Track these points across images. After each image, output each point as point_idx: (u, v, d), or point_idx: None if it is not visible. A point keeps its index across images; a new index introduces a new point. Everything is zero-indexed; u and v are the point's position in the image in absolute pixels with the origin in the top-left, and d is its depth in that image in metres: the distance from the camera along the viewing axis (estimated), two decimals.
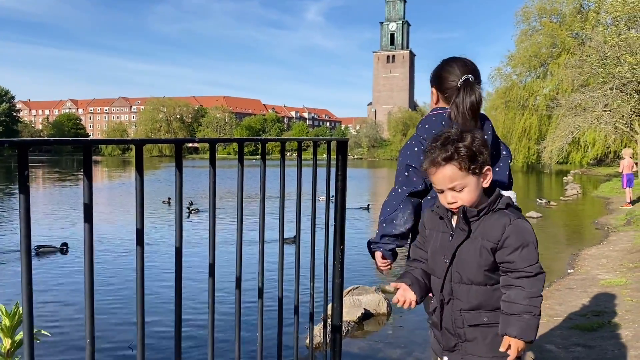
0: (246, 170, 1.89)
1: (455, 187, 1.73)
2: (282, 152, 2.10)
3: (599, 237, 9.91)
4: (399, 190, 2.26)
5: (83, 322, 1.24)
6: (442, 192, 1.77)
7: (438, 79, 2.34)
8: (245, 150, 2.09)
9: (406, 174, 2.24)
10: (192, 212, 13.80)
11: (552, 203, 16.47)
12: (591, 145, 32.01)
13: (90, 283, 1.23)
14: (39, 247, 8.93)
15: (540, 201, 16.35)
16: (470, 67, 2.33)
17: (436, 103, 2.37)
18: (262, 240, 1.99)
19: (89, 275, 1.23)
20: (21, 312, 1.91)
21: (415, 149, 2.23)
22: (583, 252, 8.14)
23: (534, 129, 38.91)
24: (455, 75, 2.29)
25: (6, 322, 1.65)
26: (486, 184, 1.77)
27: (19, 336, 1.80)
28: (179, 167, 1.49)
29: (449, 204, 1.76)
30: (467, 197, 1.74)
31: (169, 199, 15.36)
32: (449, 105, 2.32)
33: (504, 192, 1.85)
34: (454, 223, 1.82)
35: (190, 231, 10.57)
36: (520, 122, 39.66)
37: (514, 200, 1.92)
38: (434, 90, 2.37)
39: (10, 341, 1.94)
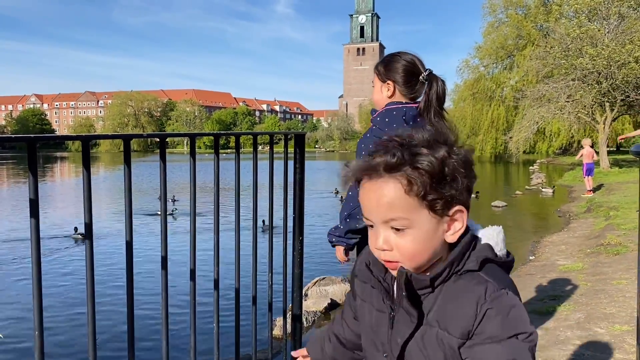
0: (200, 164, 1.92)
1: (395, 222, 0.98)
2: (237, 147, 2.14)
3: (561, 224, 10.22)
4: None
5: (32, 320, 1.26)
6: (371, 226, 1.02)
7: (397, 73, 2.35)
8: (202, 142, 2.14)
9: None
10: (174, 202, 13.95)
11: (517, 192, 16.85)
12: (556, 135, 32.77)
13: (38, 280, 1.26)
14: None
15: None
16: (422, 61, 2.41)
17: (391, 97, 2.39)
18: (216, 233, 2.03)
19: (37, 273, 1.25)
20: None
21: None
22: (544, 239, 8.39)
23: (501, 119, 39.62)
24: (419, 69, 2.35)
25: None
26: (452, 236, 1.00)
27: None
28: (128, 163, 1.51)
29: (379, 250, 1.01)
30: (411, 249, 0.98)
31: (173, 196, 14.98)
32: (406, 100, 2.37)
33: (480, 232, 1.08)
34: (396, 292, 1.06)
35: (143, 224, 10.50)
36: (488, 114, 40.32)
37: (497, 245, 1.06)
38: (390, 83, 2.36)
39: None
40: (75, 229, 9.85)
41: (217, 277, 2.05)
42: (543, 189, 17.26)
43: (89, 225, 1.39)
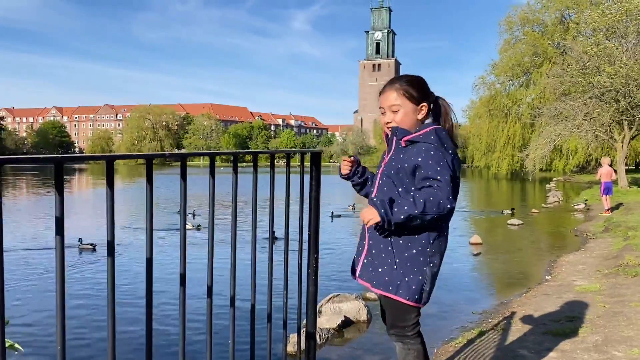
0: (228, 177, 1.96)
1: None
2: (255, 165, 2.18)
3: (578, 244, 10.09)
4: (447, 202, 2.14)
5: (54, 331, 1.30)
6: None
7: (429, 96, 2.41)
8: (230, 157, 2.20)
9: (452, 183, 2.18)
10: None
11: (533, 210, 16.69)
12: (573, 153, 32.53)
13: (62, 295, 1.29)
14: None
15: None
16: None
17: (422, 119, 2.40)
18: (233, 250, 2.06)
19: (61, 288, 1.29)
20: None
21: (450, 159, 2.24)
22: (561, 259, 8.29)
23: (517, 137, 39.44)
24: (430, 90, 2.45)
25: None
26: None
27: None
28: (150, 182, 1.55)
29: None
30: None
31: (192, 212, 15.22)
32: (429, 120, 2.42)
33: None
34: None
35: (162, 240, 10.57)
36: (504, 130, 40.18)
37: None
38: (425, 106, 2.39)
39: None
40: (80, 240, 10.00)
41: (233, 294, 2.07)
42: (575, 205, 17.10)
43: (111, 243, 1.43)
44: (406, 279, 2.26)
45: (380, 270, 2.31)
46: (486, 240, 10.62)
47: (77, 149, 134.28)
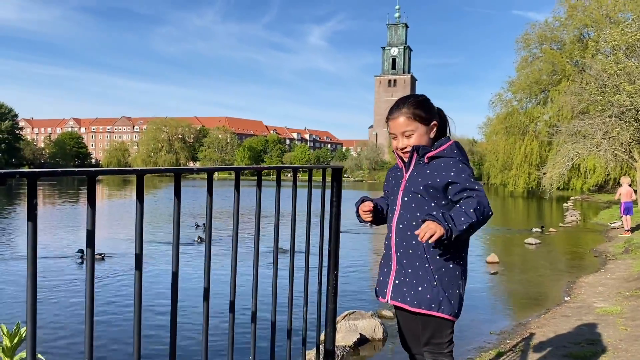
0: (247, 190, 1.97)
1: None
2: (278, 181, 2.18)
3: (597, 264, 9.93)
4: (489, 209, 2.21)
5: (82, 344, 1.30)
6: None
7: (435, 113, 2.44)
8: (247, 172, 2.21)
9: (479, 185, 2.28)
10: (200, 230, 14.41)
11: (551, 229, 16.49)
12: (591, 172, 32.13)
13: (91, 310, 1.30)
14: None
15: (536, 230, 16.27)
16: None
17: (433, 137, 2.41)
18: (255, 266, 2.06)
19: (90, 302, 1.29)
20: (22, 333, 1.97)
21: (473, 172, 2.35)
22: (580, 280, 8.16)
23: (534, 154, 39.14)
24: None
25: (7, 342, 1.70)
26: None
27: (17, 357, 1.85)
28: (178, 196, 1.56)
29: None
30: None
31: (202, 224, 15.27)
32: (434, 136, 2.44)
33: None
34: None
35: (188, 255, 10.60)
36: (521, 148, 39.91)
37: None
38: (435, 124, 2.41)
39: None
40: (81, 250, 10.15)
41: (254, 310, 2.07)
42: (611, 224, 16.93)
43: (139, 257, 1.43)
44: (447, 295, 2.26)
45: (420, 289, 2.28)
46: (503, 259, 10.49)
47: (93, 160, 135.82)
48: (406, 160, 2.41)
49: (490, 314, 6.64)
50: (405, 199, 2.36)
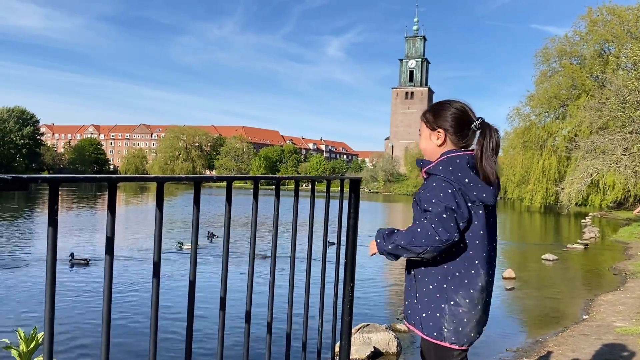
0: (263, 199, 1.96)
1: None
2: (296, 191, 2.17)
3: (616, 283, 9.74)
4: (435, 234, 2.03)
5: (97, 348, 1.30)
6: None
7: (447, 120, 2.29)
8: (263, 181, 2.21)
9: (444, 216, 2.05)
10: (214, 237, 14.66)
11: (568, 246, 16.25)
12: (610, 188, 31.63)
13: (108, 314, 1.29)
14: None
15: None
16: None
17: (441, 145, 2.29)
18: (272, 276, 2.04)
19: (107, 308, 1.29)
20: (39, 337, 1.98)
21: (449, 191, 2.10)
22: (599, 298, 8.01)
23: (552, 169, 38.66)
24: (470, 117, 2.29)
25: (24, 347, 1.71)
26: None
27: None
28: (197, 204, 1.56)
29: None
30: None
31: (212, 233, 15.44)
32: (457, 147, 2.31)
33: None
34: None
35: (204, 265, 10.62)
36: (539, 163, 39.46)
37: None
38: (440, 131, 2.28)
39: None
40: (72, 254, 10.47)
41: (270, 321, 2.05)
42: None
43: (156, 264, 1.43)
44: (424, 315, 2.18)
45: (407, 303, 2.26)
46: (520, 275, 10.35)
47: (111, 167, 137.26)
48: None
49: (506, 330, 6.53)
50: (414, 212, 2.32)
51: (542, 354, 4.97)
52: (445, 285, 2.14)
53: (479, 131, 2.28)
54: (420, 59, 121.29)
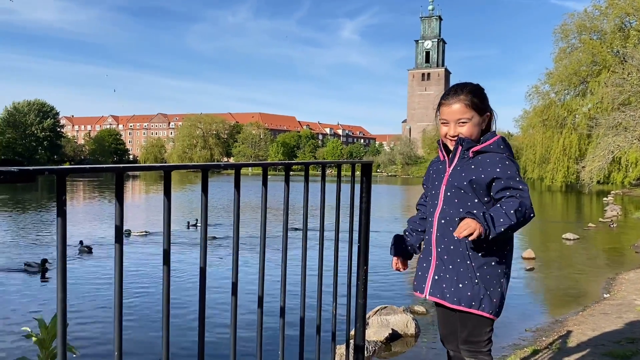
0: (277, 185, 1.97)
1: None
2: (306, 176, 2.18)
3: (638, 261, 9.62)
4: (531, 210, 2.15)
5: (110, 337, 1.33)
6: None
7: (488, 103, 2.37)
8: (279, 167, 2.23)
9: (529, 192, 2.18)
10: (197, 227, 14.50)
11: (590, 225, 16.06)
12: (633, 165, 31.08)
13: (120, 302, 1.32)
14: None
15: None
16: None
17: (484, 128, 2.35)
18: (284, 261, 2.06)
19: (119, 296, 1.31)
20: (55, 326, 2.02)
21: (518, 168, 2.26)
22: (620, 277, 7.92)
23: (573, 148, 38.09)
24: None
25: (44, 334, 1.76)
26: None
27: (52, 349, 1.90)
28: (205, 192, 1.57)
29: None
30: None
31: (196, 220, 15.38)
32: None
33: None
34: None
35: (214, 251, 10.73)
36: (559, 141, 38.89)
37: None
38: (489, 114, 2.36)
39: (47, 352, 2.05)
40: (81, 242, 10.76)
41: (283, 305, 2.07)
42: None
43: (166, 252, 1.45)
44: (488, 293, 2.23)
45: (461, 285, 2.24)
46: (540, 254, 10.27)
47: (131, 156, 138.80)
48: (451, 148, 2.35)
49: (526, 310, 6.51)
50: (448, 193, 2.30)
51: (562, 333, 4.94)
52: (504, 261, 2.28)
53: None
54: (436, 40, 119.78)
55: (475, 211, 2.12)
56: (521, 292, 7.60)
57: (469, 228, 2.05)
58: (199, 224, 14.78)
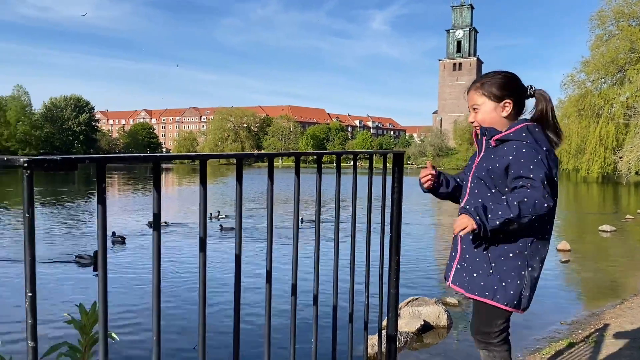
0: (308, 177, 1.99)
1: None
2: (338, 166, 2.18)
3: None
4: (543, 201, 2.03)
5: (148, 324, 1.37)
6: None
7: (513, 92, 2.30)
8: (309, 159, 2.24)
9: (546, 182, 2.05)
10: (218, 219, 14.70)
11: (627, 216, 15.63)
12: None
13: (158, 288, 1.35)
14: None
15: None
16: None
17: (507, 116, 2.29)
18: (317, 249, 2.07)
19: (157, 282, 1.35)
20: (95, 312, 2.09)
21: (540, 156, 2.10)
22: None
23: (610, 138, 37.00)
24: (524, 86, 2.35)
25: (85, 319, 1.81)
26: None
27: (93, 335, 1.96)
28: (240, 181, 1.60)
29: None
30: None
31: (219, 212, 15.57)
32: (517, 117, 2.32)
33: None
34: None
35: (250, 241, 10.84)
36: (595, 131, 37.84)
37: None
38: (508, 103, 2.29)
39: (87, 338, 2.11)
40: (113, 233, 10.93)
41: (316, 293, 2.09)
42: None
43: (203, 240, 1.48)
44: (503, 284, 2.19)
45: (475, 275, 2.24)
46: (575, 246, 10.06)
47: (164, 150, 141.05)
48: (478, 136, 2.35)
49: (561, 303, 6.40)
50: (472, 184, 2.30)
51: (599, 327, 4.84)
52: (525, 252, 2.19)
53: (533, 99, 2.34)
54: (467, 29, 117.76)
55: (467, 206, 2.12)
56: (556, 284, 7.47)
57: (461, 224, 2.06)
58: (221, 216, 15.13)
